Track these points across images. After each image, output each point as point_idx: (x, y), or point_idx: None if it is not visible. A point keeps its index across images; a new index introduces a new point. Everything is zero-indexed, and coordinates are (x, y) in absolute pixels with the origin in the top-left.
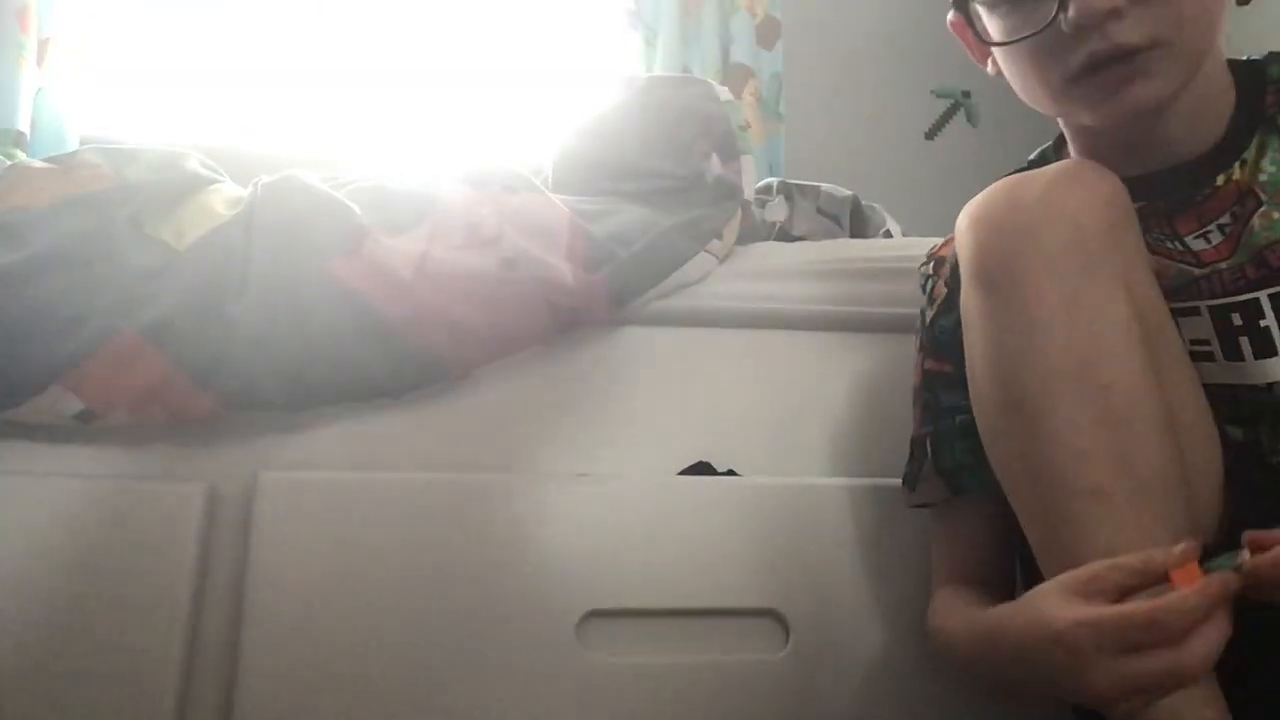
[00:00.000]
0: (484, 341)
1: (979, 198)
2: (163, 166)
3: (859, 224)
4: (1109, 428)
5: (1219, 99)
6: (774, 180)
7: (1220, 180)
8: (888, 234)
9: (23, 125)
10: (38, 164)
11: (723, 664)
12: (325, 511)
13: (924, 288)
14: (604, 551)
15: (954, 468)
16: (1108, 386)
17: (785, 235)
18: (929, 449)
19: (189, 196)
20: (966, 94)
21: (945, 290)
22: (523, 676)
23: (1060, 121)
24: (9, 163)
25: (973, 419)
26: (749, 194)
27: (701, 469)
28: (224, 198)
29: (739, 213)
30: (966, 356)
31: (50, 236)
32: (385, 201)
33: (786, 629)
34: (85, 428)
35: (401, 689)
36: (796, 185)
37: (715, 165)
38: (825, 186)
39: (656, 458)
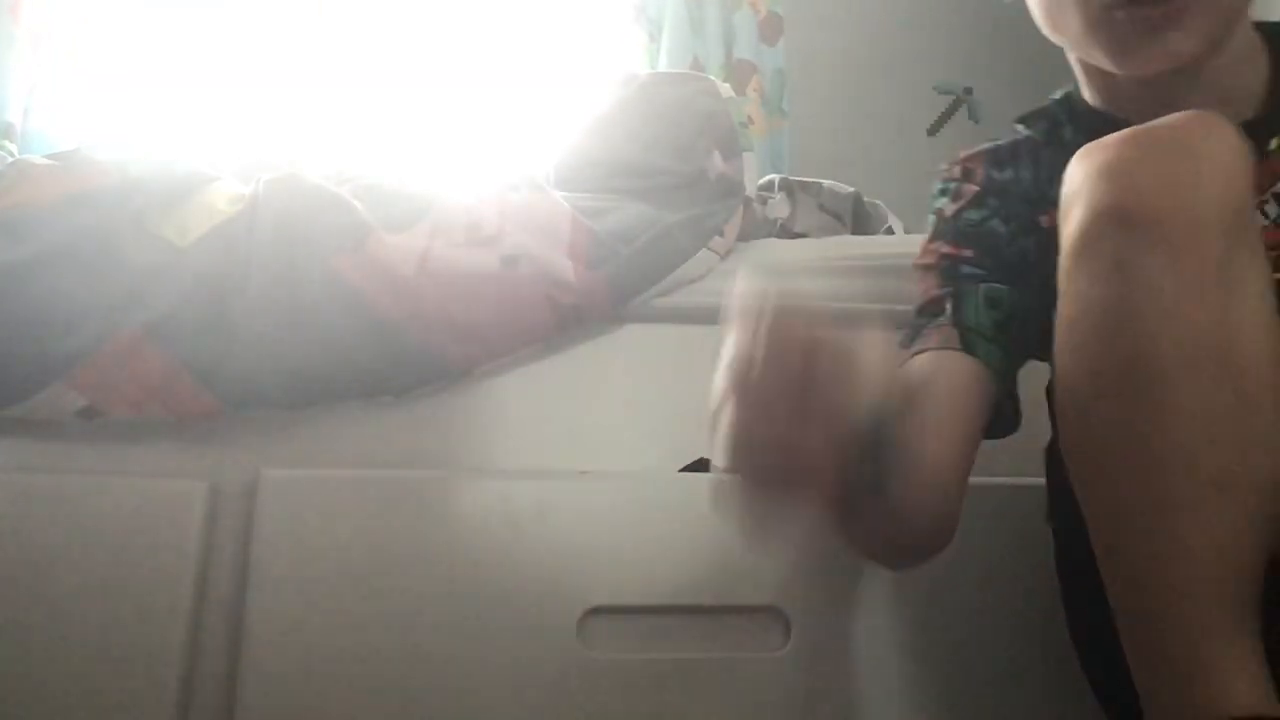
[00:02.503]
0: (486, 339)
1: (1109, 148)
2: (165, 163)
3: (861, 221)
4: (1240, 414)
5: (1252, 61)
6: (776, 177)
7: (1274, 145)
8: (890, 231)
9: (13, 117)
10: (40, 161)
11: (724, 661)
12: (327, 509)
13: (943, 190)
14: (605, 548)
15: (974, 326)
16: (1244, 370)
17: (787, 232)
18: (948, 305)
19: (192, 194)
20: (969, 90)
21: (977, 189)
22: (524, 674)
23: (1078, 67)
24: (11, 160)
25: (1000, 292)
26: (751, 191)
27: (703, 465)
28: (226, 195)
29: (741, 210)
30: (1067, 316)
31: (53, 234)
32: (387, 199)
33: (788, 625)
34: (87, 424)
35: (403, 687)
36: (798, 182)
37: (717, 162)
38: (827, 183)
39: (658, 454)
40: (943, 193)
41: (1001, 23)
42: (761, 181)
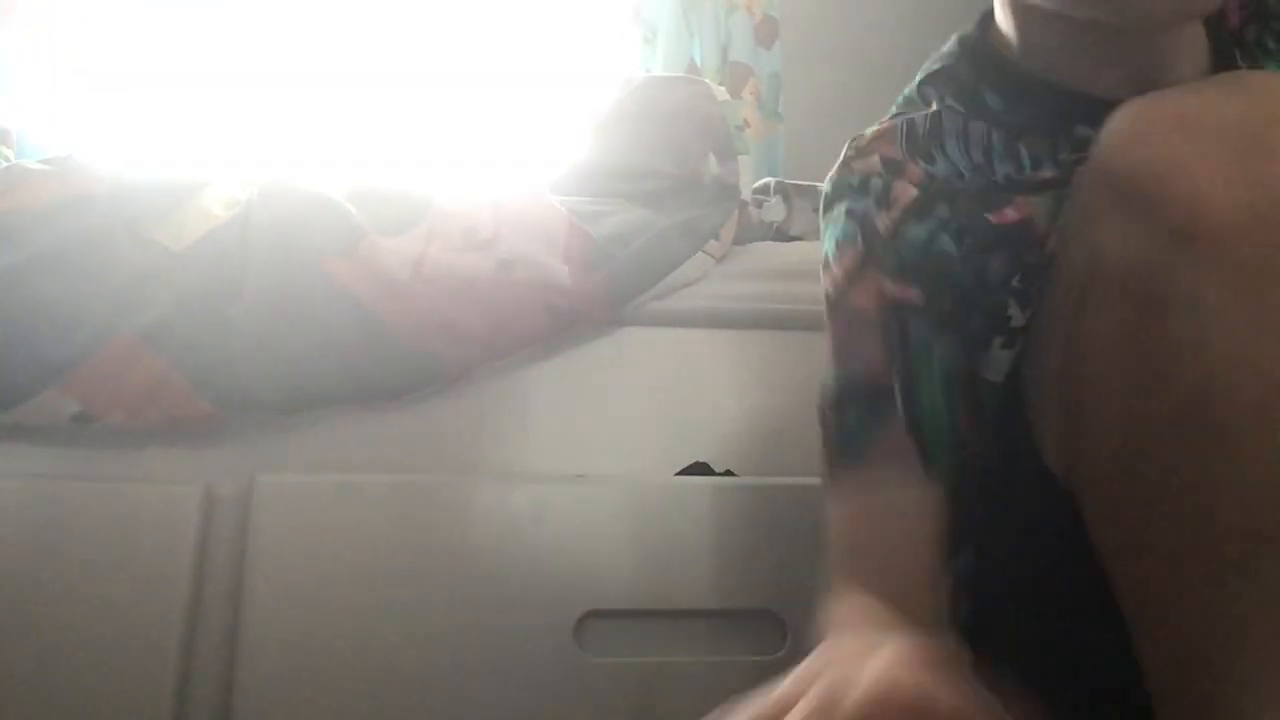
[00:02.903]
0: (481, 343)
1: (1154, 141)
2: (159, 168)
3: None
4: None
5: (1198, 34)
6: (771, 180)
7: None
8: None
9: (8, 121)
10: (35, 165)
11: (721, 665)
12: (322, 513)
13: (860, 187)
14: (601, 552)
15: (930, 419)
16: None
17: (782, 235)
18: (897, 398)
19: (186, 198)
20: None
21: (917, 194)
22: (520, 677)
23: (1012, 14)
24: (6, 164)
25: (954, 353)
26: (746, 194)
27: (699, 469)
28: (221, 199)
29: (736, 213)
30: (1106, 354)
31: (47, 238)
32: (382, 203)
33: (784, 629)
34: (82, 430)
35: (399, 691)
36: (794, 185)
37: (712, 165)
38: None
39: (654, 458)
40: (859, 190)
41: None
42: (756, 185)
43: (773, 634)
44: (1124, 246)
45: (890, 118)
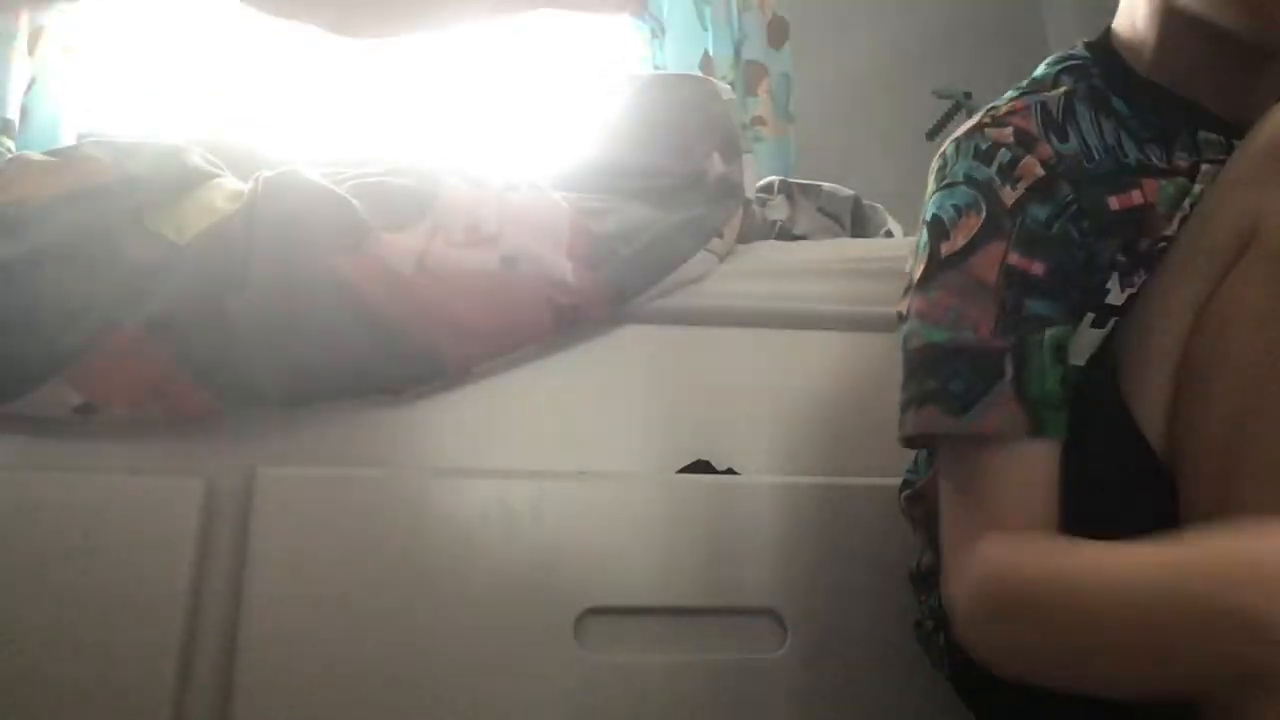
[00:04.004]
0: (484, 339)
1: None
2: (164, 161)
3: (860, 223)
4: None
5: None
6: (775, 179)
7: None
8: (889, 234)
9: (11, 113)
10: (38, 157)
11: (720, 663)
12: (324, 507)
13: (986, 153)
14: (602, 549)
15: (1041, 401)
16: None
17: (786, 234)
18: (1008, 366)
19: (190, 191)
20: (968, 94)
21: (1043, 174)
22: (520, 673)
23: (1156, 25)
24: (9, 156)
25: (1066, 335)
26: (750, 193)
27: (701, 467)
28: (225, 192)
29: (740, 211)
30: (1220, 307)
31: (51, 230)
32: (386, 198)
33: (784, 628)
34: (85, 422)
35: (399, 685)
36: (798, 184)
37: (717, 164)
38: (826, 186)
39: (656, 455)
40: (984, 158)
41: (1000, 28)
42: (761, 184)
43: (773, 633)
44: None
45: (1020, 95)
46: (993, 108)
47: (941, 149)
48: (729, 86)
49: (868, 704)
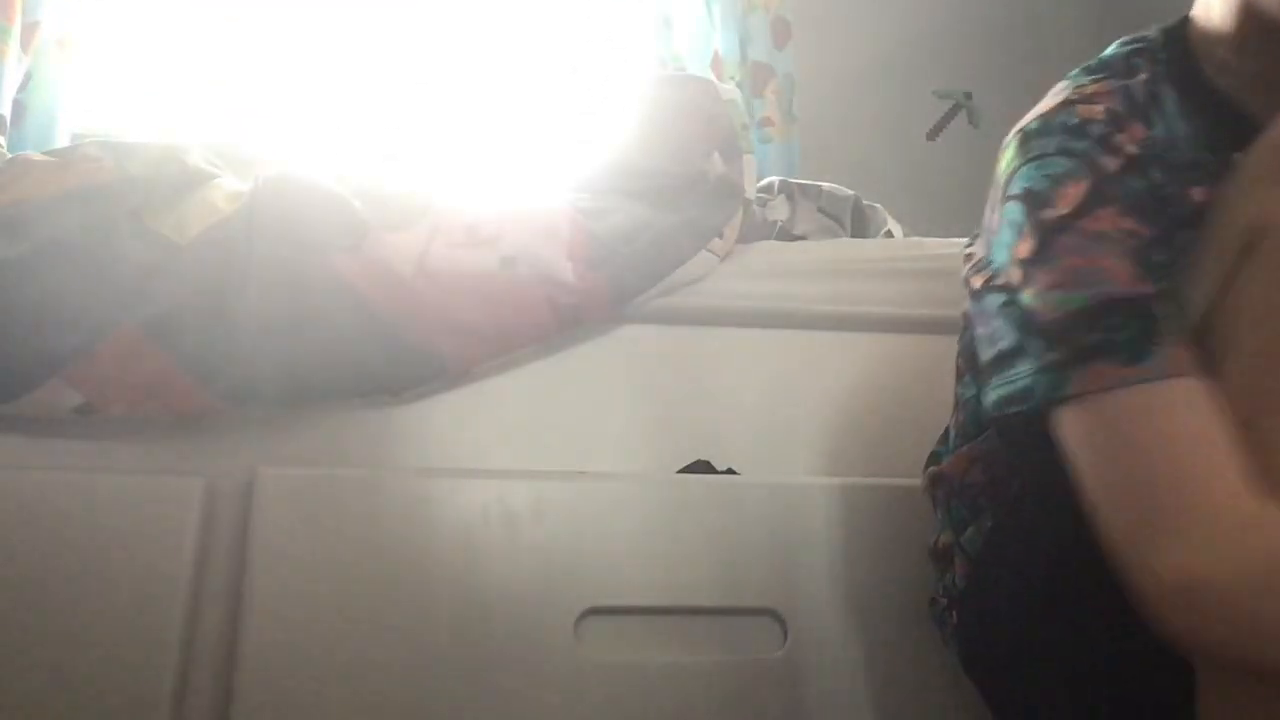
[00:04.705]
0: (484, 339)
1: None
2: (164, 160)
3: (860, 224)
4: None
5: None
6: (775, 180)
7: None
8: (889, 234)
9: (4, 109)
10: (38, 157)
11: (721, 663)
12: (324, 507)
13: (1080, 129)
14: (603, 549)
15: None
16: None
17: (786, 234)
18: (1161, 307)
19: (190, 191)
20: (968, 95)
21: (1138, 152)
22: (520, 673)
23: (1236, 27)
24: (9, 156)
25: (1179, 291)
26: (750, 193)
27: (701, 467)
28: (225, 192)
29: (740, 212)
30: (1229, 303)
31: (51, 230)
32: (386, 198)
33: (785, 628)
34: (84, 421)
35: (400, 685)
36: (798, 185)
37: (717, 164)
38: (827, 186)
39: (656, 455)
40: (1077, 132)
41: (1001, 28)
42: (761, 184)
43: (773, 633)
44: None
45: (1098, 78)
46: (1079, 85)
47: (1018, 126)
48: (730, 87)
49: (868, 704)
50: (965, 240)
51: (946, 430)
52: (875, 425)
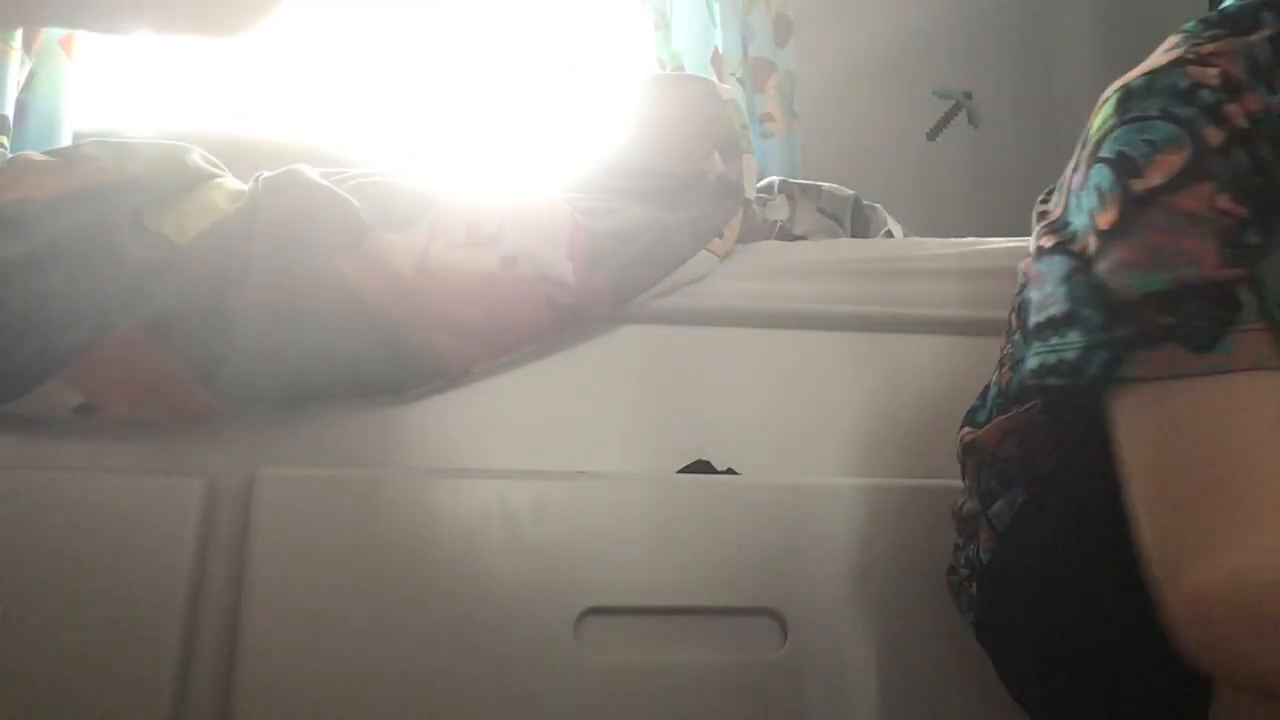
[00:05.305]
0: (484, 339)
1: None
2: (164, 160)
3: (860, 224)
4: None
5: None
6: (775, 179)
7: None
8: (889, 234)
9: (7, 109)
10: (39, 157)
11: (721, 663)
12: (324, 507)
13: (1188, 93)
14: (602, 549)
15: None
16: None
17: (786, 234)
18: (1247, 295)
19: (191, 191)
20: (968, 95)
21: (1246, 126)
22: (520, 673)
23: None
24: (10, 156)
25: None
26: (750, 193)
27: (701, 467)
28: (225, 192)
29: (740, 211)
30: None
31: (51, 230)
32: (386, 198)
33: (785, 628)
34: (85, 422)
35: (399, 685)
36: (798, 185)
37: (717, 164)
38: (826, 186)
39: (656, 455)
40: (1184, 97)
41: (1001, 27)
42: (761, 184)
43: (773, 633)
44: None
45: (1219, 34)
46: (1196, 42)
47: (1121, 82)
48: (729, 87)
49: (868, 704)
50: (1040, 196)
51: (986, 387)
52: (876, 425)
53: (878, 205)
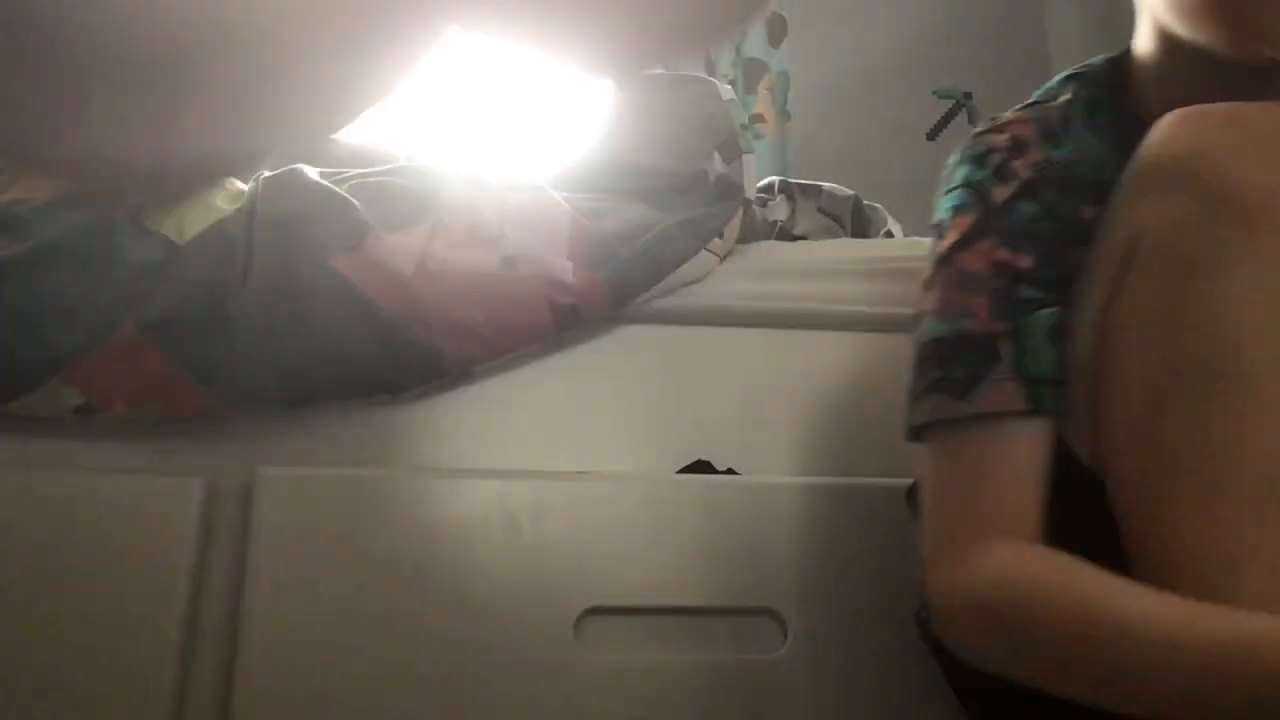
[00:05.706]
0: (484, 339)
1: (1207, 128)
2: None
3: (860, 224)
4: None
5: None
6: (775, 180)
7: None
8: (889, 234)
9: None
10: None
11: (720, 663)
12: (325, 507)
13: (981, 159)
14: (602, 549)
15: (1039, 377)
16: None
17: (786, 234)
18: (1005, 348)
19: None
20: (968, 95)
21: (1031, 176)
22: (520, 673)
23: (1160, 40)
24: None
25: (1063, 316)
26: (750, 193)
27: (701, 467)
28: (225, 192)
29: (740, 212)
30: (1148, 311)
31: (51, 230)
32: (386, 198)
33: (785, 628)
34: (85, 422)
35: (399, 685)
36: (798, 185)
37: (717, 164)
38: (827, 186)
39: (656, 456)
40: (979, 162)
41: (1001, 28)
42: (760, 184)
43: (773, 633)
44: (1163, 215)
45: (1025, 107)
46: (996, 116)
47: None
48: (730, 86)
49: (868, 704)
50: None
51: None
52: (876, 425)
53: (878, 205)
